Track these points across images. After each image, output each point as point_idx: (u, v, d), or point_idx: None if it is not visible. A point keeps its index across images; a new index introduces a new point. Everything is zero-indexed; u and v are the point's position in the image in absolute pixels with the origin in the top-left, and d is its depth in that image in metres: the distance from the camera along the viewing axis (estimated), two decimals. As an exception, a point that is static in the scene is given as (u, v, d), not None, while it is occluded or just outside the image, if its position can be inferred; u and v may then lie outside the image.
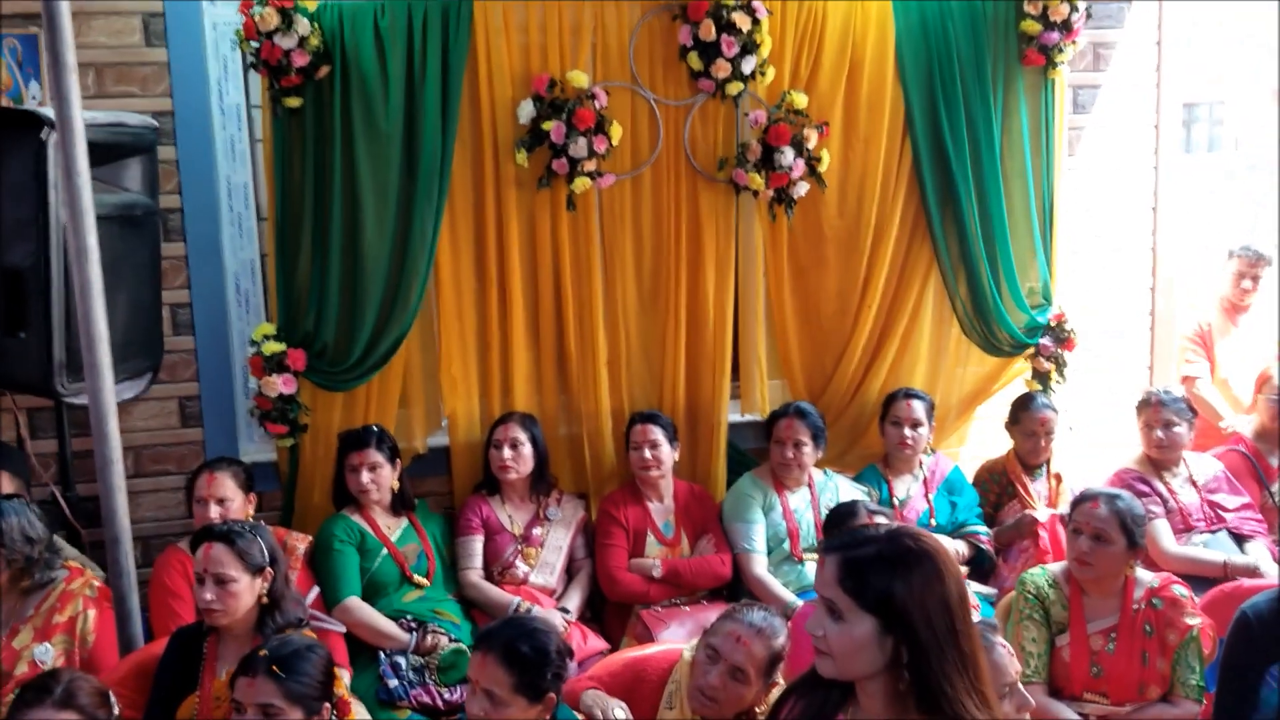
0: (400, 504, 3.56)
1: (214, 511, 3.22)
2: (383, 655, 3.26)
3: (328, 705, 2.29)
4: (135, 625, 2.87)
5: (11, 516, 2.87)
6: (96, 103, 3.56)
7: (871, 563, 1.59)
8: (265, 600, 2.73)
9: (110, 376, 2.79)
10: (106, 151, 3.23)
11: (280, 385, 3.59)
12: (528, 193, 3.80)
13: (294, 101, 3.53)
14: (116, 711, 2.27)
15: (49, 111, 3.10)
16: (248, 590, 2.70)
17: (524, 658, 2.22)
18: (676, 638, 3.28)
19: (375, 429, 3.52)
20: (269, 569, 2.73)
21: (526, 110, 3.69)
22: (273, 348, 3.59)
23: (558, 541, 3.68)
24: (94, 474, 3.61)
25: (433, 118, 3.60)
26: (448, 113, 3.63)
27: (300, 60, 3.46)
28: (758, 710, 2.45)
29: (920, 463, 3.97)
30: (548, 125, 3.66)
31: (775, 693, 2.41)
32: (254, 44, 3.48)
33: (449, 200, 3.70)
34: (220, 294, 3.81)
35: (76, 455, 3.57)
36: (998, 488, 4.04)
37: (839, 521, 3.03)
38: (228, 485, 3.28)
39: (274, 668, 2.23)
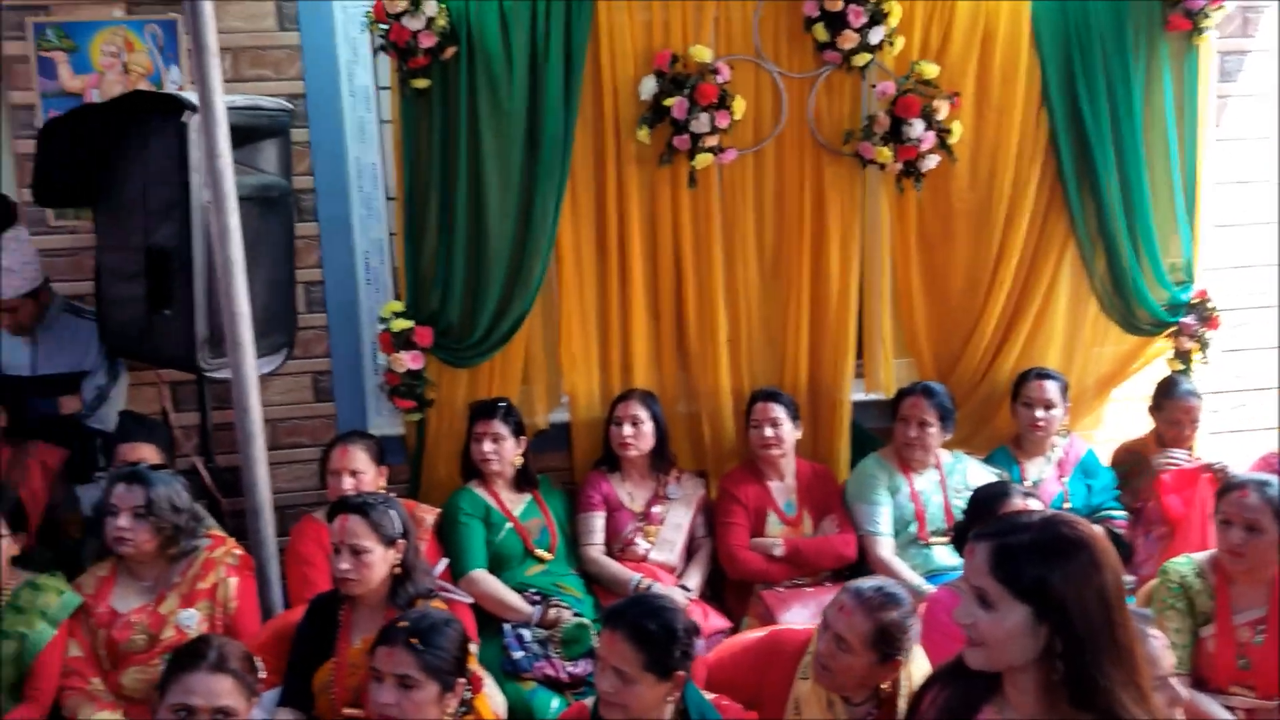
0: (523, 480, 3.60)
1: (347, 483, 3.31)
2: (507, 627, 3.30)
3: (462, 680, 2.33)
4: (274, 593, 2.96)
5: (160, 486, 2.99)
6: (233, 86, 3.65)
7: (1025, 550, 1.53)
8: (398, 571, 2.80)
9: (252, 352, 2.87)
10: (244, 134, 3.32)
11: (408, 361, 3.67)
12: (648, 170, 3.79)
13: (421, 83, 3.58)
14: (262, 675, 2.34)
15: (190, 95, 3.22)
16: (381, 561, 2.76)
17: (652, 636, 2.22)
18: (799, 619, 3.24)
19: (503, 402, 3.57)
20: (401, 541, 2.80)
21: (648, 87, 3.68)
22: (401, 324, 3.67)
23: (678, 519, 3.68)
24: (233, 446, 3.75)
25: (555, 96, 3.62)
26: (570, 91, 3.63)
27: (427, 41, 3.51)
28: (883, 687, 2.41)
29: (1053, 445, 3.84)
30: (669, 101, 3.65)
31: (905, 673, 2.37)
32: (383, 26, 3.54)
33: (570, 178, 3.72)
34: (350, 272, 3.90)
35: (217, 428, 3.70)
36: (1138, 470, 3.88)
37: (987, 505, 2.92)
38: (360, 458, 3.36)
39: (412, 640, 2.27)
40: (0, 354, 3.53)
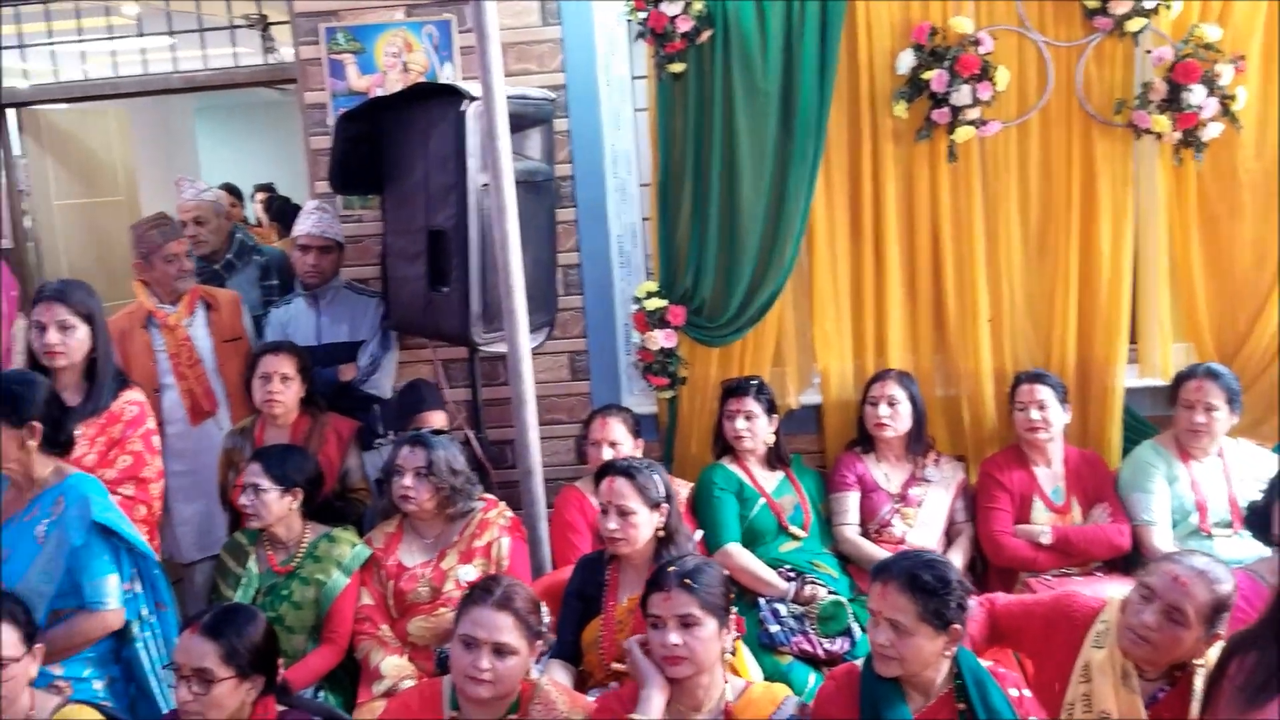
0: (776, 457, 3.61)
1: (607, 454, 3.41)
2: (762, 602, 3.31)
3: (733, 615, 2.36)
4: (543, 551, 3.09)
5: (440, 450, 3.18)
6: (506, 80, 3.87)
7: None
8: (662, 534, 2.86)
9: (525, 322, 3.01)
10: (513, 122, 3.44)
11: (661, 340, 3.76)
12: (905, 145, 3.73)
13: (677, 67, 3.66)
14: (547, 620, 2.43)
15: (467, 86, 3.42)
16: (647, 523, 2.83)
17: (926, 585, 2.18)
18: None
19: (756, 380, 3.59)
20: (665, 505, 2.86)
21: (906, 60, 3.63)
22: (655, 304, 3.76)
23: (937, 502, 3.58)
24: (501, 420, 3.98)
25: (810, 74, 3.62)
26: (825, 68, 3.63)
27: (684, 25, 3.59)
28: (1195, 663, 2.26)
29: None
30: (928, 75, 3.58)
31: (1216, 648, 2.22)
32: (642, 14, 3.65)
33: (824, 156, 3.71)
34: (605, 255, 4.04)
35: (486, 403, 3.91)
36: None
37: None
38: (619, 429, 3.46)
39: (685, 580, 2.32)
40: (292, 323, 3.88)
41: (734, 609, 2.39)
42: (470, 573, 3.15)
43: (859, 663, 2.34)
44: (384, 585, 3.18)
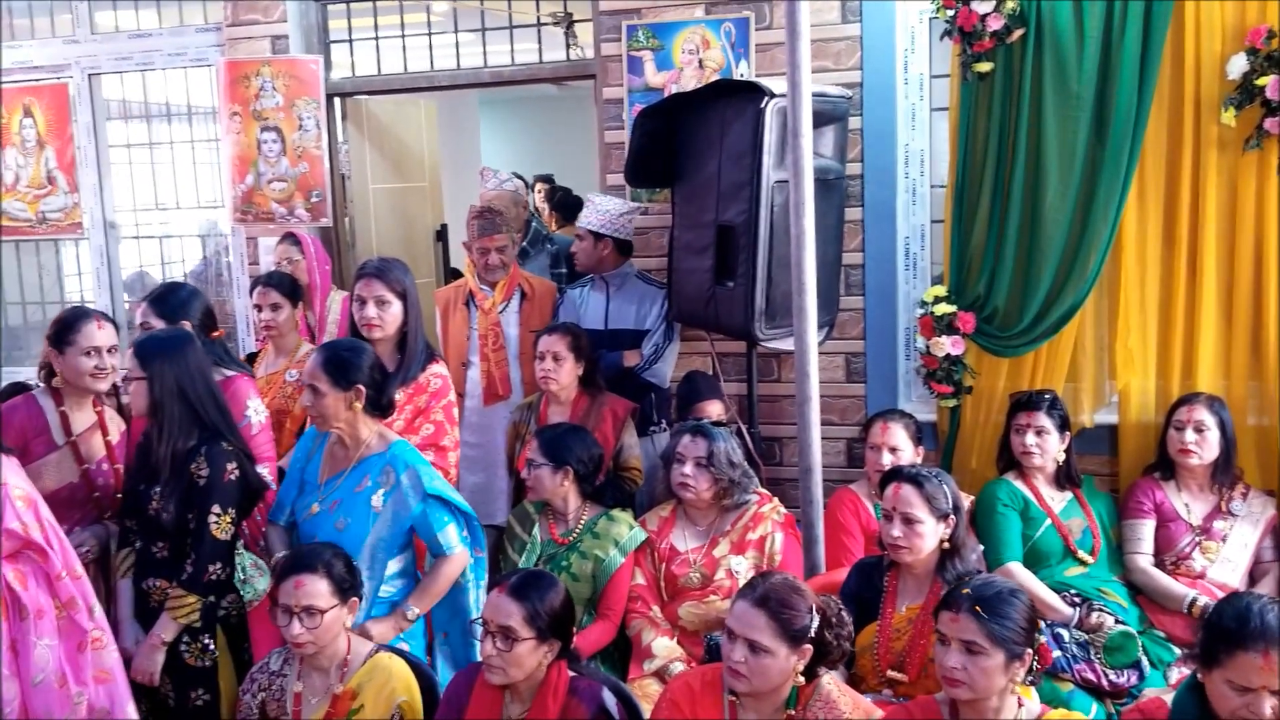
0: (1065, 477, 3.44)
1: (886, 459, 3.36)
2: (1043, 624, 3.16)
3: (1030, 650, 2.27)
4: (818, 550, 3.09)
5: (720, 441, 3.23)
6: (797, 77, 3.88)
7: None
8: (946, 546, 2.79)
9: (815, 320, 3.01)
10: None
11: (948, 346, 3.66)
12: (1231, 155, 3.48)
13: (984, 66, 3.56)
14: (815, 624, 2.40)
15: (767, 83, 3.45)
16: (932, 533, 2.77)
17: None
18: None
19: (1049, 394, 3.44)
20: (952, 516, 2.79)
21: (1238, 64, 3.38)
22: (944, 309, 3.66)
23: (1243, 538, 3.32)
24: (774, 417, 4.00)
25: (1128, 77, 3.43)
26: (1146, 71, 3.42)
27: (995, 24, 3.48)
28: None
29: None
30: (1263, 81, 3.33)
31: None
32: (950, 11, 3.56)
33: (1139, 164, 3.50)
34: (890, 257, 3.97)
35: (761, 399, 3.93)
36: None
37: None
38: (901, 435, 3.41)
39: (976, 608, 2.24)
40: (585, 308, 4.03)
41: (1041, 637, 2.29)
42: (742, 564, 3.19)
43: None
44: (656, 567, 3.27)
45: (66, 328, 3.09)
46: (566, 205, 6.40)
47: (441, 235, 5.84)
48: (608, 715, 2.41)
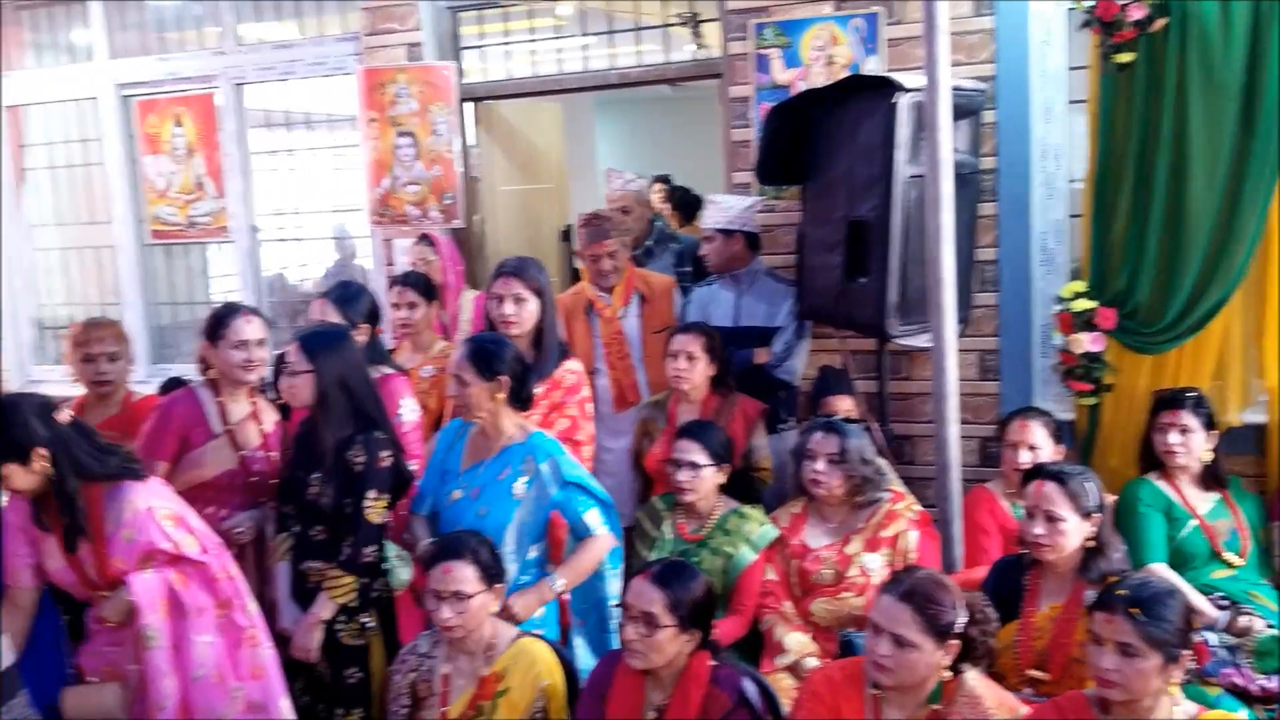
0: (1211, 477, 3.34)
1: (1024, 457, 3.32)
2: (1190, 629, 3.09)
3: (1187, 652, 2.22)
4: (955, 549, 3.05)
5: (853, 438, 3.23)
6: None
7: None
8: (1091, 544, 2.75)
9: (954, 316, 2.98)
10: (944, 114, 3.48)
11: (1088, 343, 3.59)
12: (1388, 146, 3.32)
13: (1125, 57, 3.48)
14: (962, 620, 2.38)
15: (899, 77, 3.43)
16: (1075, 531, 2.74)
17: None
18: None
19: (1194, 392, 3.35)
20: (1097, 514, 2.75)
21: (1395, 51, 3.23)
22: (1083, 305, 3.59)
23: (1407, 546, 3.18)
24: (905, 415, 3.97)
25: (1277, 68, 3.30)
26: (1297, 59, 3.30)
27: (1136, 13, 3.41)
28: None
29: None
30: None
31: None
32: (1089, 2, 3.49)
33: (1290, 156, 3.38)
34: (1025, 253, 3.91)
35: (892, 396, 3.91)
36: None
37: None
38: (1040, 433, 3.36)
39: (1132, 610, 2.20)
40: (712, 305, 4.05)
41: (1197, 636, 2.25)
42: (876, 561, 3.19)
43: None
44: (787, 564, 3.28)
45: (219, 322, 3.26)
46: (687, 204, 6.46)
47: (567, 236, 5.96)
48: (749, 705, 2.45)
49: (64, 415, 2.65)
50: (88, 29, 5.63)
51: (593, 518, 2.99)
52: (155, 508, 2.65)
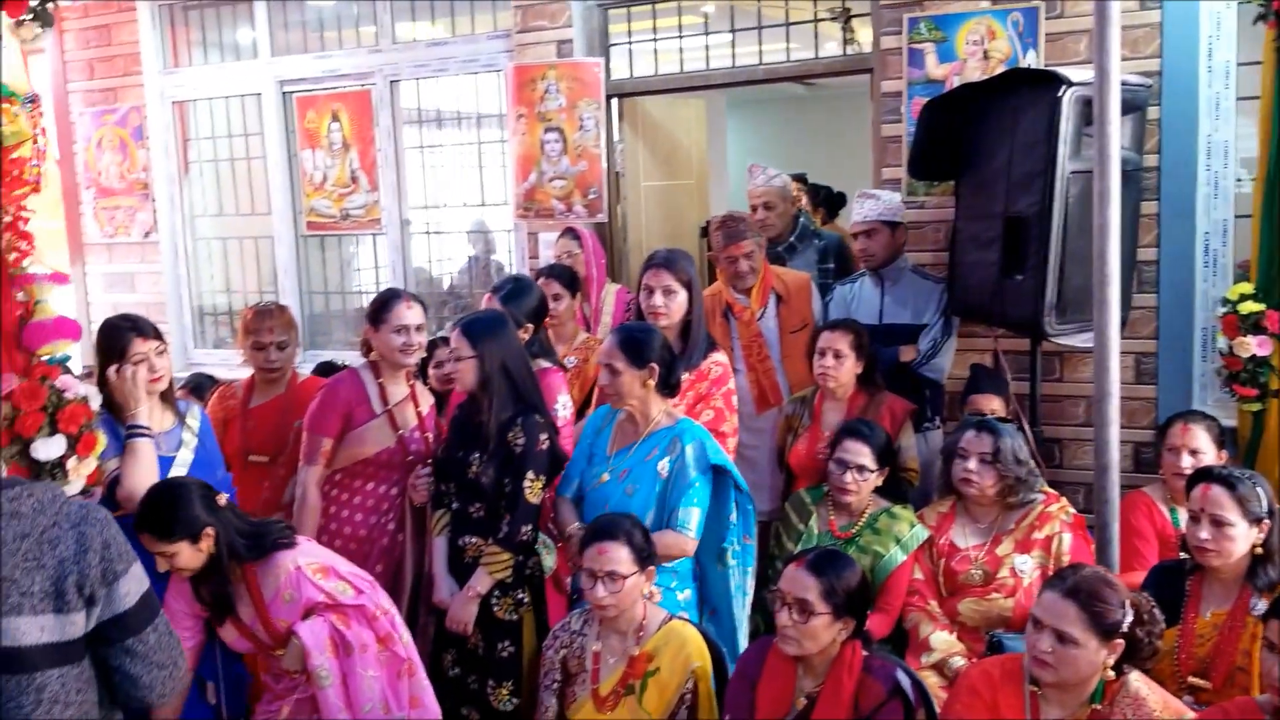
0: (1390, 490, 3.19)
1: (1185, 461, 3.22)
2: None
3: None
4: (1112, 551, 2.97)
5: (1006, 438, 3.18)
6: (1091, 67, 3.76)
7: None
8: (1259, 551, 2.67)
9: (1117, 314, 2.90)
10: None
11: (1254, 347, 3.45)
12: None
13: (1302, 51, 3.34)
14: (1129, 619, 2.33)
15: (1065, 71, 3.37)
16: (1243, 537, 2.67)
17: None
18: None
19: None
20: (1266, 520, 2.67)
21: None
22: (1250, 308, 3.46)
23: None
24: (1055, 417, 3.88)
25: None
26: None
27: (1318, 5, 3.27)
28: None
29: None
30: None
31: None
32: (1265, -3, 3.36)
33: None
34: (1188, 253, 3.79)
35: (1044, 398, 3.83)
36: None
37: None
38: (1203, 437, 3.25)
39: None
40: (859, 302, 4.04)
41: None
42: (1027, 563, 3.13)
43: None
44: (935, 563, 3.24)
45: (382, 307, 3.39)
46: (830, 202, 6.43)
47: (705, 231, 5.99)
48: (903, 695, 2.44)
49: (222, 499, 2.77)
50: (252, 28, 5.91)
51: (691, 515, 2.98)
52: (303, 565, 2.74)
